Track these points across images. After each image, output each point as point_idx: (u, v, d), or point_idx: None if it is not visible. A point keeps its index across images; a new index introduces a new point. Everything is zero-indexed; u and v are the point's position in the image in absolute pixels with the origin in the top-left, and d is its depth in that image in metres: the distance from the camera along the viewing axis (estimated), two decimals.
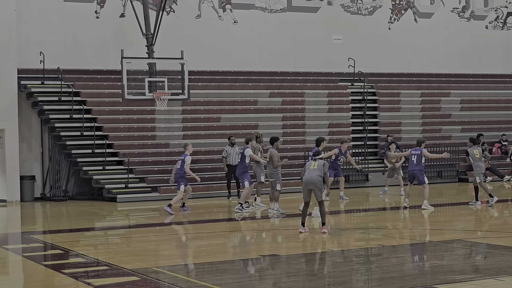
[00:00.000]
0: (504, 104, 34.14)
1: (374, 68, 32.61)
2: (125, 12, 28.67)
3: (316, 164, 15.21)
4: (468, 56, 35.00)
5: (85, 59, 28.19)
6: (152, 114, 27.66)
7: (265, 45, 31.29)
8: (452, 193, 26.54)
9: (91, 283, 10.75)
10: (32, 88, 26.76)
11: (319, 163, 15.25)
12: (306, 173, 15.22)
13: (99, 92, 27.53)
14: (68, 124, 26.41)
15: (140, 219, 20.56)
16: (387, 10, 33.93)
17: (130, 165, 25.50)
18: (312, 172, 15.14)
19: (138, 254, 13.58)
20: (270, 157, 19.01)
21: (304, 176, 15.23)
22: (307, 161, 15.70)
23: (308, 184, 15.15)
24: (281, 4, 31.83)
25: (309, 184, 15.14)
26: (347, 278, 10.95)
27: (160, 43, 26.52)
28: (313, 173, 15.11)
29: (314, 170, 15.14)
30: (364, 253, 13.28)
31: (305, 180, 15.18)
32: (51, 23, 27.82)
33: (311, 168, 15.19)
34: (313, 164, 15.24)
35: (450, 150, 29.92)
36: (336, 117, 30.58)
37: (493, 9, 36.13)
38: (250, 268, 12.09)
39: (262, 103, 29.69)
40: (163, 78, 24.29)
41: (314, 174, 15.10)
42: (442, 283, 10.02)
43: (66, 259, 13.28)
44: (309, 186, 15.16)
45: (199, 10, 30.51)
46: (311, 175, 15.11)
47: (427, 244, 14.15)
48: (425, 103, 32.51)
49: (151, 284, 10.67)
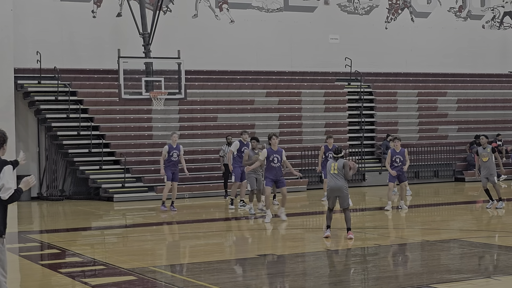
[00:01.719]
0: (501, 103, 34.18)
1: (370, 67, 32.63)
2: (122, 12, 28.66)
3: (336, 167, 14.30)
4: (464, 55, 35.03)
5: (82, 59, 28.18)
6: (149, 113, 27.65)
7: (262, 44, 31.30)
8: (448, 193, 26.56)
9: (87, 282, 10.75)
10: (29, 87, 26.74)
11: (339, 165, 14.32)
12: (330, 180, 14.36)
13: (96, 92, 27.52)
14: (65, 124, 26.40)
15: (137, 218, 20.56)
16: (384, 10, 33.95)
17: (126, 164, 25.49)
18: (335, 178, 14.29)
19: (135, 253, 13.58)
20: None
21: (328, 183, 14.46)
22: (328, 159, 14.95)
23: (334, 191, 14.39)
24: (277, 4, 31.84)
25: (334, 192, 14.39)
26: (344, 278, 10.96)
27: (157, 42, 26.51)
28: (337, 179, 14.27)
29: (336, 175, 14.27)
30: (360, 253, 13.30)
31: (330, 187, 14.40)
32: (48, 23, 27.80)
33: (333, 173, 14.30)
34: (333, 167, 14.31)
35: (446, 150, 29.97)
36: (333, 116, 30.59)
37: (489, 8, 36.17)
38: (247, 267, 12.09)
39: (259, 103, 29.70)
40: (160, 77, 24.27)
41: (338, 180, 14.26)
42: (439, 283, 10.04)
43: (62, 258, 13.27)
44: (334, 194, 14.42)
45: (196, 9, 30.51)
46: (336, 183, 14.28)
47: (423, 243, 14.16)
48: (422, 103, 32.54)
49: (148, 283, 10.67)
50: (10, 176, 7.75)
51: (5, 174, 7.72)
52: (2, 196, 7.72)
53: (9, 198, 7.74)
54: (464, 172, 29.91)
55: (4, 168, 7.75)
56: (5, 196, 7.72)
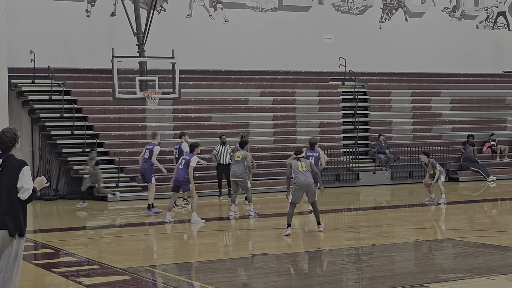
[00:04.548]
0: (495, 103, 34.23)
1: (365, 67, 32.64)
2: (116, 11, 28.62)
3: (303, 165, 14.98)
4: (458, 55, 35.07)
5: (76, 58, 28.14)
6: (143, 113, 27.62)
7: (256, 44, 31.30)
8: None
9: (81, 282, 10.74)
10: (23, 87, 26.68)
11: (306, 163, 15.07)
12: (300, 177, 14.85)
13: (90, 91, 27.48)
14: (59, 123, 26.35)
15: (131, 218, 20.53)
16: (378, 10, 33.98)
17: (120, 164, 25.46)
18: (305, 174, 14.86)
19: (129, 253, 13.56)
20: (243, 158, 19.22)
21: (299, 180, 14.87)
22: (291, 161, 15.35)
23: (303, 187, 14.92)
24: (272, 3, 31.84)
25: (303, 187, 14.92)
26: (338, 277, 10.96)
27: (151, 42, 26.46)
28: (307, 176, 14.87)
29: (306, 172, 14.89)
30: (354, 252, 13.31)
31: (301, 183, 14.85)
32: (42, 22, 27.75)
33: (302, 170, 14.90)
34: (301, 165, 14.96)
35: (440, 150, 29.99)
36: (327, 116, 30.60)
37: (483, 8, 36.23)
38: (241, 267, 12.09)
39: (253, 103, 29.69)
40: (154, 77, 24.23)
41: (309, 176, 14.88)
42: (433, 282, 10.05)
43: (56, 258, 13.26)
44: (304, 189, 14.97)
45: (190, 9, 30.49)
46: (306, 179, 14.86)
47: (417, 243, 14.18)
48: (416, 103, 32.56)
49: (142, 283, 10.66)
50: (28, 176, 7.87)
51: (24, 175, 7.83)
52: (22, 196, 7.82)
53: (28, 198, 7.82)
54: (458, 172, 29.94)
55: (23, 168, 7.85)
56: (25, 197, 7.85)
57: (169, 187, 25.20)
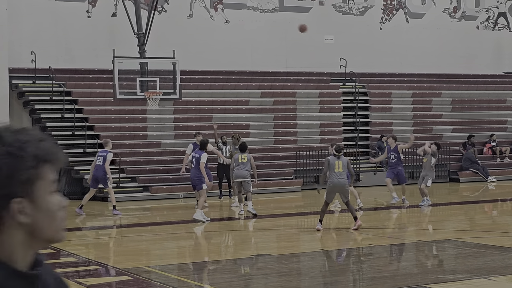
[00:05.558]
0: (495, 104, 34.23)
1: (365, 68, 32.63)
2: (117, 12, 28.63)
3: (340, 165, 14.79)
4: (459, 56, 35.07)
5: (77, 59, 28.15)
6: (143, 113, 27.62)
7: (256, 45, 31.30)
8: (443, 193, 26.59)
9: (82, 282, 10.74)
10: (24, 87, 26.70)
11: (343, 162, 14.88)
12: (334, 178, 14.75)
13: (91, 92, 27.49)
14: (60, 124, 26.36)
15: (132, 218, 20.54)
16: (379, 10, 33.98)
17: (121, 164, 25.46)
18: (339, 176, 14.74)
19: (130, 253, 13.56)
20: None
21: (332, 181, 14.80)
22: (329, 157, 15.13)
23: (336, 188, 14.88)
24: (272, 4, 31.85)
25: (336, 188, 14.88)
26: (339, 278, 10.96)
27: (152, 42, 26.48)
28: (341, 177, 14.75)
29: (341, 173, 14.73)
30: (355, 253, 13.31)
31: (334, 184, 14.79)
32: (43, 22, 27.76)
33: (337, 171, 14.72)
34: (337, 165, 14.74)
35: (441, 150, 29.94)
36: (328, 117, 30.60)
37: (484, 9, 36.23)
38: (242, 267, 12.09)
39: (254, 103, 29.69)
40: (155, 77, 24.25)
41: (343, 177, 14.76)
42: (434, 283, 10.05)
43: (57, 258, 13.25)
44: (337, 190, 14.94)
45: (191, 9, 30.50)
46: (339, 180, 14.75)
47: (418, 243, 14.18)
48: (416, 103, 32.57)
49: (142, 283, 10.66)
50: None
51: None
52: None
53: None
54: (458, 173, 29.93)
55: None
56: None
57: (170, 187, 25.24)
